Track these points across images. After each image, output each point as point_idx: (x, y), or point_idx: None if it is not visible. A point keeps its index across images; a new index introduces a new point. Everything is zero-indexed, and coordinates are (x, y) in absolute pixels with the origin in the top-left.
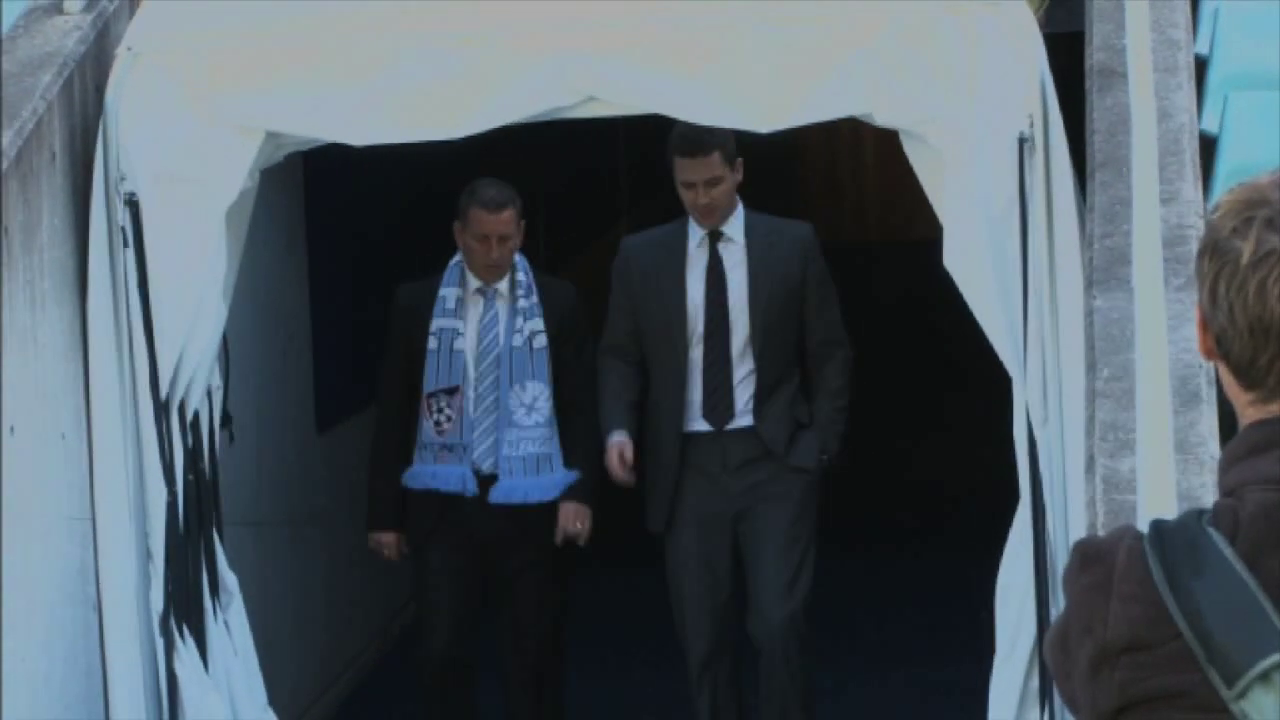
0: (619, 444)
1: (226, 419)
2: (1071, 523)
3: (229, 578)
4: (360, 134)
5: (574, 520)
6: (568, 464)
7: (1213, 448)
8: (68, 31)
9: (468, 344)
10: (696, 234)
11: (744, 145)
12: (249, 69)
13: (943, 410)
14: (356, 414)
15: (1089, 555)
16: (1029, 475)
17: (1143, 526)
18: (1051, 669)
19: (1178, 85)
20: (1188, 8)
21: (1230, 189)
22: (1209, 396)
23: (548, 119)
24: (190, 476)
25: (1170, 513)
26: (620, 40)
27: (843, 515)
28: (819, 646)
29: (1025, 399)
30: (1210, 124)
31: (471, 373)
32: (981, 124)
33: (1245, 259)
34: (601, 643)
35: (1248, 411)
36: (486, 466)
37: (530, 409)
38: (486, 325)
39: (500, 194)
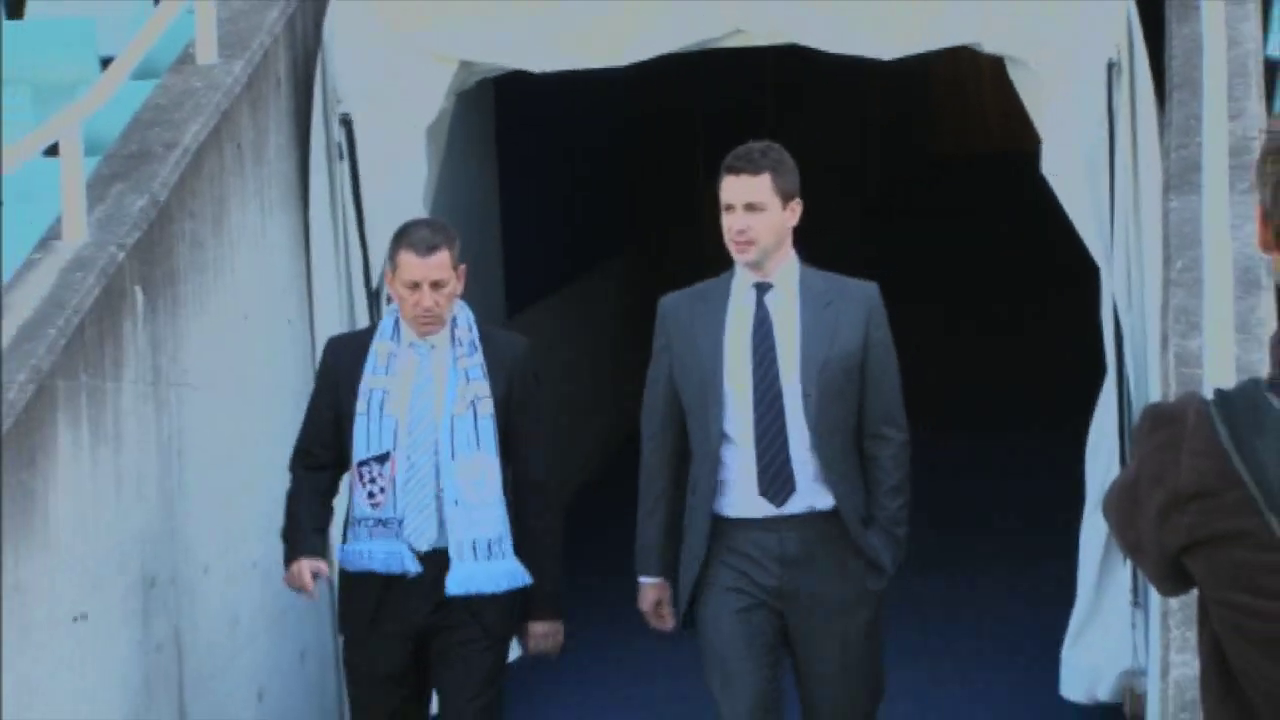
0: (654, 595)
1: None
2: (1150, 393)
3: None
4: (539, 61)
5: (546, 641)
6: (522, 554)
7: (1270, 328)
8: None
9: (399, 407)
10: (742, 285)
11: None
12: (444, 5)
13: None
14: (540, 300)
15: (1160, 417)
16: (1114, 352)
17: (1206, 395)
18: (1114, 518)
19: (1245, 16)
20: None
21: None
22: (1268, 284)
23: (700, 49)
24: None
25: (1231, 384)
26: None
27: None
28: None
29: (1111, 288)
30: (1275, 49)
31: (404, 439)
32: (1077, 51)
33: None
34: None
35: None
36: (423, 545)
37: (475, 485)
38: (420, 386)
39: (432, 234)
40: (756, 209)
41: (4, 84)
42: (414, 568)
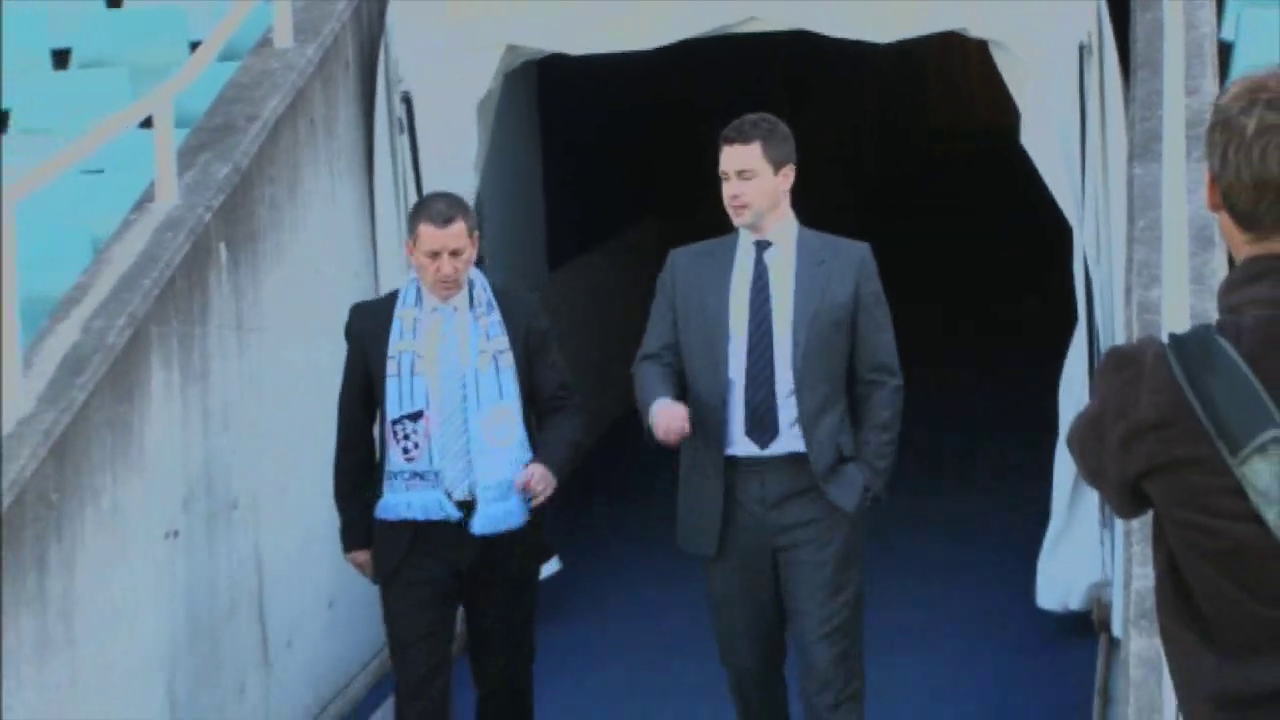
0: (666, 405)
1: (479, 259)
2: (1116, 336)
3: None
4: (576, 45)
5: (537, 480)
6: (542, 437)
7: (1221, 280)
8: None
9: (428, 368)
10: (744, 244)
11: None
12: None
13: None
14: (578, 257)
15: (1122, 358)
16: (1085, 300)
17: (1163, 339)
18: (1077, 447)
19: (1202, 4)
20: None
21: (1236, 79)
22: (1220, 241)
23: (719, 34)
24: None
25: (1185, 329)
26: None
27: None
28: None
29: (1082, 244)
30: (1228, 33)
31: (435, 397)
32: (1052, 35)
33: (1250, 131)
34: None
35: (1245, 249)
36: (460, 493)
37: (500, 432)
38: (447, 347)
39: (448, 207)
40: (748, 175)
41: (105, 66)
42: (454, 513)
